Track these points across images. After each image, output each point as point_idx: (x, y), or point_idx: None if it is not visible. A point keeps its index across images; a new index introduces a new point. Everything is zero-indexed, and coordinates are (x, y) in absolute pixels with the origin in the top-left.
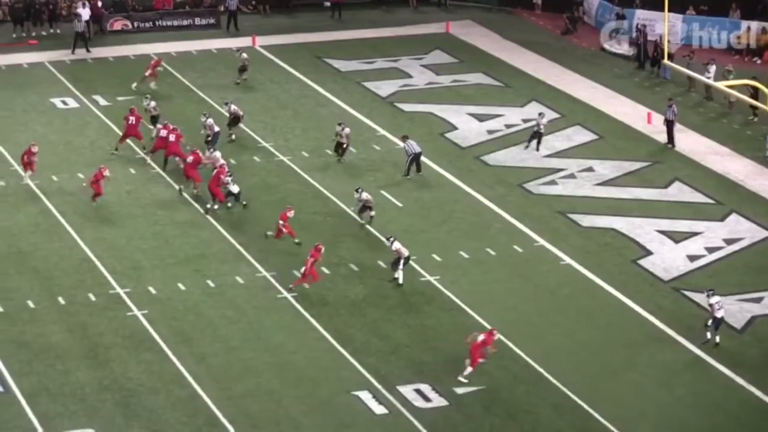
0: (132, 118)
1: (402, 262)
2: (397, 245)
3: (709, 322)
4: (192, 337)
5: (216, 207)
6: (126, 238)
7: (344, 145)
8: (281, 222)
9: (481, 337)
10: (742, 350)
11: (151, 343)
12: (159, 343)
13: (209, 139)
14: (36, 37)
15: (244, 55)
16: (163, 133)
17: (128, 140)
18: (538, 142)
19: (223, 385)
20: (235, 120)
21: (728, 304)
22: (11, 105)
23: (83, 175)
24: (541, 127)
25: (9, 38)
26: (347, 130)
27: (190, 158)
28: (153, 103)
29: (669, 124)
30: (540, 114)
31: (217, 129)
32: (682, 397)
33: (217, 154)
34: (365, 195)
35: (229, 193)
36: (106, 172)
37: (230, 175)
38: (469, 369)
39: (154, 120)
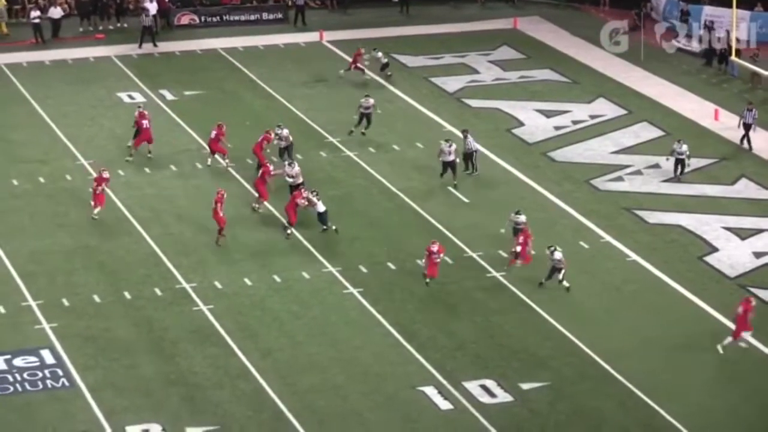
0: (145, 122)
1: (562, 273)
2: (559, 255)
3: None
4: (258, 332)
5: (289, 232)
6: (192, 233)
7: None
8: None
9: (740, 309)
10: None
11: (216, 338)
12: (224, 337)
13: (283, 149)
14: (103, 31)
15: (380, 53)
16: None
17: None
18: (682, 169)
19: (288, 380)
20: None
21: None
22: (78, 99)
23: (149, 170)
24: (683, 154)
25: (76, 32)
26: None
27: (260, 171)
28: (285, 131)
29: (747, 127)
30: (679, 141)
31: (291, 140)
32: (748, 396)
33: (297, 169)
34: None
35: (318, 215)
36: (106, 174)
37: (315, 194)
38: (729, 339)
39: (282, 152)
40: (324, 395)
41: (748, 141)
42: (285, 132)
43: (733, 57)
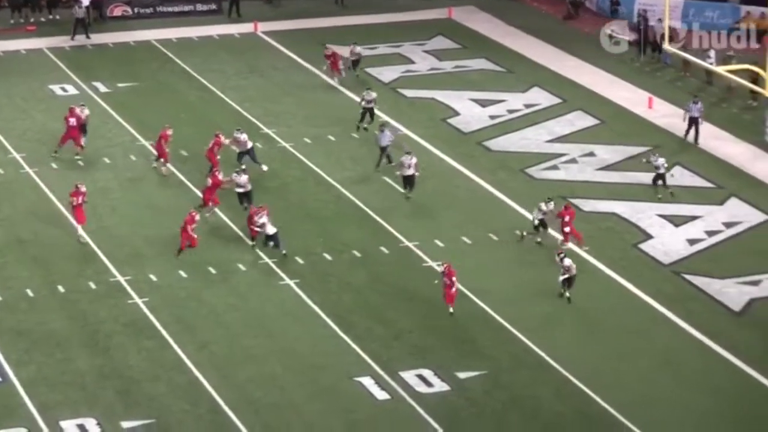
0: (72, 120)
1: (571, 280)
2: (568, 262)
3: None
4: (193, 324)
5: (208, 215)
6: (126, 225)
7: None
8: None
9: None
10: (741, 333)
11: (152, 331)
12: (160, 330)
13: (242, 153)
14: (34, 23)
15: (358, 48)
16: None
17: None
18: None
19: (224, 372)
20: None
21: (727, 287)
22: (10, 92)
23: (82, 163)
24: (660, 167)
25: (7, 24)
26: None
27: (209, 181)
28: (244, 136)
29: (692, 121)
30: (654, 154)
31: (250, 145)
32: (683, 381)
33: (244, 177)
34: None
35: (266, 237)
36: (83, 188)
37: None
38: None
39: (240, 156)
40: (261, 387)
41: (696, 134)
42: (243, 137)
43: (666, 45)
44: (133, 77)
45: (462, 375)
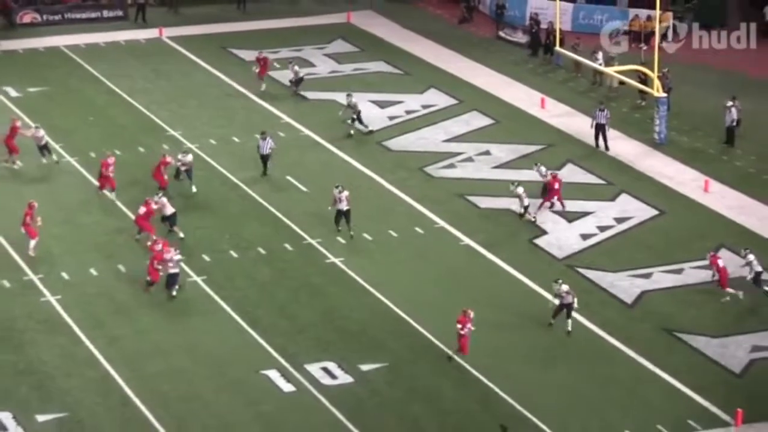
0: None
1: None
2: (566, 287)
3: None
4: (104, 320)
5: (139, 237)
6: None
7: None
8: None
9: None
10: (632, 324)
11: (64, 328)
12: (72, 326)
13: (182, 173)
14: None
15: (296, 67)
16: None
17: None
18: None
19: (134, 366)
20: (357, 112)
21: (620, 280)
22: None
23: None
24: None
25: None
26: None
27: (142, 209)
28: (189, 158)
29: (599, 128)
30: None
31: (190, 164)
32: (577, 370)
33: (164, 199)
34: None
35: (163, 217)
36: (35, 204)
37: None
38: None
39: (178, 173)
40: (169, 380)
41: (605, 141)
42: (189, 158)
43: (557, 47)
44: (43, 82)
45: (364, 367)
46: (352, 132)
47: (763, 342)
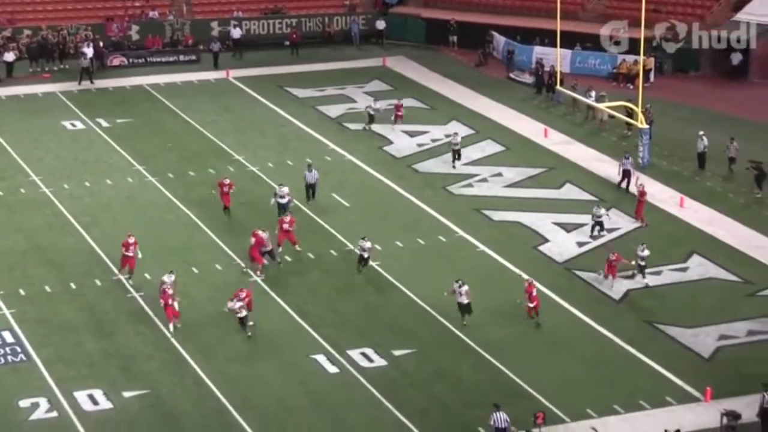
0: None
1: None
2: (465, 288)
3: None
4: (181, 314)
5: (259, 273)
6: (125, 233)
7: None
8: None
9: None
10: (620, 317)
11: (147, 319)
12: (153, 319)
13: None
14: (48, 71)
15: (377, 105)
16: None
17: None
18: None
19: (206, 353)
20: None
21: (609, 280)
22: (30, 127)
23: (89, 183)
24: (601, 216)
25: (26, 72)
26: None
27: (252, 240)
28: (286, 189)
29: (626, 173)
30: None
31: (288, 198)
32: (575, 356)
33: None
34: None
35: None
36: (132, 239)
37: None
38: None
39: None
40: (234, 363)
41: (627, 183)
42: (285, 190)
43: (558, 87)
44: (128, 114)
45: (396, 353)
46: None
47: (728, 332)
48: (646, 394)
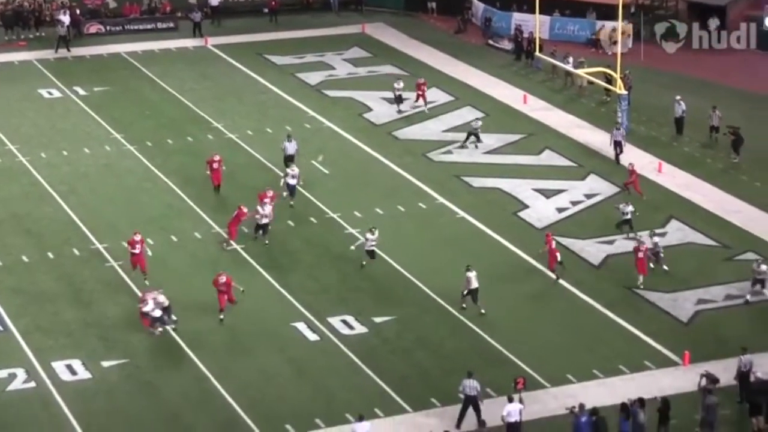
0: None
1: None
2: (471, 274)
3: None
4: (161, 283)
5: (229, 248)
6: (103, 202)
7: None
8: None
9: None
10: (599, 282)
11: (125, 288)
12: (132, 288)
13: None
14: (24, 39)
15: (401, 84)
16: None
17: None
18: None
19: (185, 320)
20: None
21: (588, 245)
22: (6, 95)
23: (66, 152)
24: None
25: (2, 40)
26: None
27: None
28: (297, 170)
29: (617, 145)
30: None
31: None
32: (553, 320)
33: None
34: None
35: (257, 227)
36: (138, 237)
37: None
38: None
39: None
40: (215, 331)
41: (617, 155)
42: (295, 170)
43: (537, 53)
44: (106, 83)
45: (377, 319)
46: (468, 145)
47: (706, 296)
48: (625, 358)
